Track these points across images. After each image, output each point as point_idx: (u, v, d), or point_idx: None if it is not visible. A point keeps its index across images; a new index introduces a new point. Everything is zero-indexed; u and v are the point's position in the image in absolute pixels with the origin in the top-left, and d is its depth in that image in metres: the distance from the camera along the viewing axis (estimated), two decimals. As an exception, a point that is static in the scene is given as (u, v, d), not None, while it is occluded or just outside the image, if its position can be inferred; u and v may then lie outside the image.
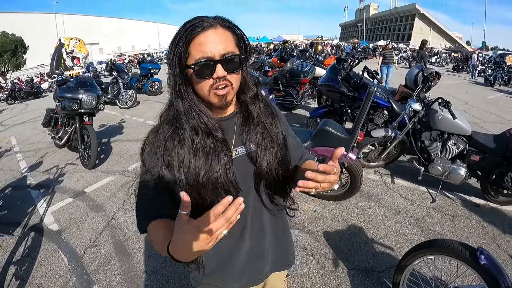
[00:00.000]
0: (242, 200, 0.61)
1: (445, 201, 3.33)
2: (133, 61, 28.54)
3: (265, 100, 0.97)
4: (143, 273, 2.47)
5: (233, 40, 0.84)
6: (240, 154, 0.93)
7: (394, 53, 10.49)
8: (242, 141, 0.93)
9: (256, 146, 0.92)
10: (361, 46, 38.50)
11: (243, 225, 0.97)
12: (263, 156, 0.91)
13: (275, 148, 0.94)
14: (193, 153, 0.84)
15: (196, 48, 0.79)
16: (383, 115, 4.33)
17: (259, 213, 1.00)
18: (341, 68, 4.66)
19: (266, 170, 0.92)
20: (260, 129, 0.93)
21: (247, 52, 0.89)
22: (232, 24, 0.85)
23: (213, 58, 0.79)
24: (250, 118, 0.93)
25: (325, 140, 2.98)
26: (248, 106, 0.93)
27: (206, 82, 0.82)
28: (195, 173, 0.83)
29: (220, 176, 0.84)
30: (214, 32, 0.80)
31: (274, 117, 0.98)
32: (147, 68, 10.86)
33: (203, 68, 0.80)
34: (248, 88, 0.93)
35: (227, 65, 0.81)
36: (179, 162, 0.84)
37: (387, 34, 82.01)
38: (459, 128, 3.23)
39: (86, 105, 4.73)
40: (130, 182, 4.14)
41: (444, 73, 12.20)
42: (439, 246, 1.63)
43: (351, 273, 2.35)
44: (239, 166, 0.90)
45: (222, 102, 0.85)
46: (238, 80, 0.87)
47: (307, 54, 10.23)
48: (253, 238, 1.00)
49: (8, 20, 40.09)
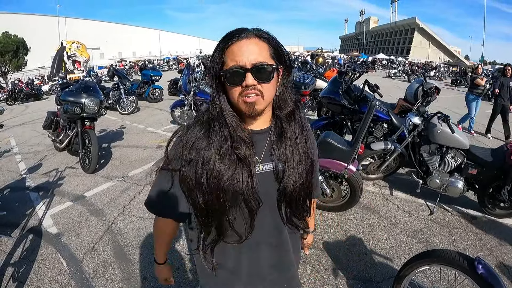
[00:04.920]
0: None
1: (442, 214, 3.37)
2: (134, 67, 28.65)
3: (301, 121, 0.96)
4: (143, 279, 2.46)
5: (268, 51, 0.85)
6: (267, 170, 0.93)
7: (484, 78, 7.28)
8: (271, 157, 0.93)
9: (285, 164, 0.91)
10: (360, 58, 38.96)
11: (259, 239, 0.97)
12: (290, 175, 0.91)
13: (302, 169, 0.93)
14: (219, 157, 0.85)
15: (230, 57, 0.82)
16: (382, 128, 4.39)
17: (279, 229, 1.00)
18: (342, 81, 4.74)
19: (291, 189, 0.92)
20: (291, 148, 0.92)
21: (286, 65, 0.89)
22: (269, 35, 0.86)
23: (244, 66, 0.81)
24: (283, 136, 0.92)
25: (326, 152, 3.02)
26: (282, 123, 0.93)
27: (236, 89, 0.83)
28: (218, 177, 0.85)
29: (242, 186, 0.85)
30: (248, 42, 0.82)
31: (308, 140, 0.98)
32: (148, 74, 10.90)
33: (234, 75, 0.82)
34: (285, 104, 0.92)
35: (257, 74, 0.81)
36: (204, 163, 0.86)
37: (386, 48, 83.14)
38: (457, 142, 3.29)
39: (88, 109, 4.76)
40: (131, 188, 4.15)
41: (443, 87, 12.35)
42: (437, 256, 1.66)
43: (350, 283, 2.36)
44: (263, 181, 0.91)
45: (250, 110, 0.85)
46: (271, 91, 0.87)
47: (308, 66, 10.32)
48: (273, 252, 1.01)
49: (11, 21, 40.37)
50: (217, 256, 0.96)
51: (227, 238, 0.93)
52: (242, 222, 0.91)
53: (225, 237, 0.92)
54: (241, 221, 0.91)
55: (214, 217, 0.90)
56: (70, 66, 20.15)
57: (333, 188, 3.26)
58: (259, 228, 0.93)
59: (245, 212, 0.90)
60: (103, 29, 59.12)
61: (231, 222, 0.90)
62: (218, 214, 0.89)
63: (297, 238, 1.11)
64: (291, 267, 1.08)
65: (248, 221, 0.90)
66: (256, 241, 0.96)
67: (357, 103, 4.56)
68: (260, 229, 0.94)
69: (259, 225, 0.93)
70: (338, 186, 3.26)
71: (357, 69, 6.36)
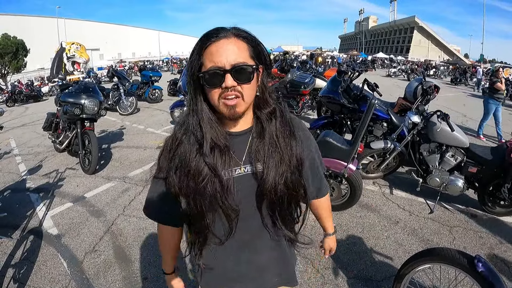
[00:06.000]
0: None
1: (443, 212, 3.37)
2: (133, 68, 28.64)
3: (284, 118, 0.92)
4: (143, 280, 2.47)
5: (247, 51, 0.82)
6: (248, 172, 0.90)
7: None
8: (250, 158, 0.90)
9: (263, 165, 0.88)
10: (360, 57, 38.94)
11: (245, 240, 0.97)
12: (268, 174, 0.87)
13: (284, 169, 0.89)
14: (195, 161, 0.85)
15: (208, 58, 0.80)
16: (382, 127, 4.38)
17: (259, 233, 0.98)
18: (341, 80, 4.74)
19: (270, 189, 0.88)
20: (270, 147, 0.88)
21: (265, 65, 0.87)
22: (248, 34, 0.84)
23: (223, 67, 0.78)
24: (262, 135, 0.90)
25: (326, 151, 3.02)
26: (262, 123, 0.90)
27: (215, 91, 0.81)
28: (194, 180, 0.85)
29: (216, 190, 0.85)
30: (227, 42, 0.80)
31: (291, 138, 0.92)
32: (148, 75, 10.92)
33: (213, 77, 0.79)
34: (265, 103, 0.90)
35: (237, 75, 0.79)
36: (184, 168, 0.86)
37: (386, 47, 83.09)
38: (457, 140, 3.29)
39: (88, 110, 4.77)
40: (131, 188, 4.15)
41: (442, 85, 12.35)
42: (437, 255, 1.66)
43: (351, 282, 2.36)
44: (244, 184, 0.90)
45: (231, 113, 0.83)
46: (251, 92, 0.84)
47: (307, 65, 10.31)
48: (261, 253, 1.00)
49: (10, 22, 40.38)
50: (206, 258, 0.98)
51: (210, 240, 0.94)
52: (220, 226, 0.92)
53: (208, 239, 0.94)
54: (219, 225, 0.92)
55: (195, 220, 0.92)
56: (69, 67, 20.11)
57: (333, 187, 3.26)
58: (244, 229, 0.94)
59: (223, 217, 0.90)
60: (103, 30, 59.09)
61: (209, 226, 0.90)
62: (198, 218, 0.90)
63: (283, 241, 1.07)
64: (283, 268, 1.07)
65: (227, 225, 0.91)
66: (243, 241, 0.97)
67: (356, 102, 4.56)
68: (245, 230, 0.95)
69: (245, 226, 0.93)
70: (338, 185, 3.26)
71: (356, 68, 6.36)
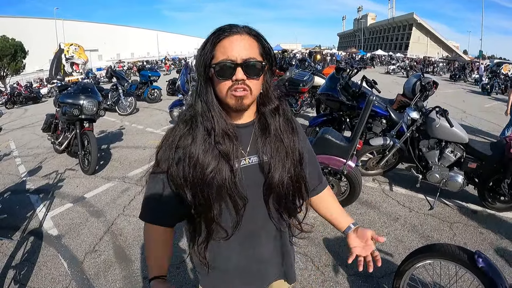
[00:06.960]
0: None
1: (443, 208, 3.37)
2: (132, 68, 28.63)
3: (286, 115, 0.97)
4: (144, 279, 2.47)
5: (257, 49, 0.87)
6: (252, 163, 0.94)
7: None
8: (256, 150, 0.93)
9: (270, 158, 0.92)
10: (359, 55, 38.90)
11: (250, 232, 0.98)
12: (275, 168, 0.91)
13: (290, 163, 0.94)
14: (203, 151, 0.86)
15: (221, 51, 0.83)
16: (381, 123, 4.38)
17: (265, 224, 1.00)
18: (340, 77, 4.73)
19: (277, 183, 0.92)
20: (276, 142, 0.93)
21: (271, 64, 0.91)
22: (258, 34, 0.88)
23: (235, 61, 0.82)
24: (267, 130, 0.93)
25: (325, 148, 3.02)
26: (266, 118, 0.93)
27: (225, 83, 0.84)
28: (201, 170, 0.85)
29: (225, 179, 0.86)
30: (240, 38, 0.84)
31: (294, 133, 0.97)
32: (147, 75, 10.92)
33: (224, 69, 0.83)
34: (269, 100, 0.94)
35: (247, 70, 0.83)
36: (190, 159, 0.87)
37: (384, 44, 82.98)
38: (456, 136, 3.28)
39: (86, 111, 4.76)
40: (131, 188, 4.15)
41: (441, 82, 12.35)
42: (437, 251, 1.66)
43: (351, 279, 2.36)
44: (249, 174, 0.92)
45: (238, 104, 0.86)
46: (258, 87, 0.88)
47: (306, 63, 10.31)
48: (265, 245, 1.02)
49: (8, 24, 40.25)
50: (210, 254, 0.97)
51: (216, 234, 0.93)
52: (228, 217, 0.92)
53: (214, 233, 0.93)
54: (227, 216, 0.92)
55: (201, 213, 0.91)
56: (68, 68, 20.03)
57: (332, 184, 3.25)
58: (250, 220, 0.94)
59: (231, 207, 0.90)
60: (101, 31, 58.93)
61: (216, 217, 0.90)
62: (204, 209, 0.89)
63: (285, 234, 1.09)
64: (285, 260, 1.09)
65: (234, 216, 0.91)
66: (248, 232, 0.97)
67: (355, 99, 4.55)
68: (251, 221, 0.95)
69: (250, 217, 0.93)
70: (337, 183, 3.25)
71: (354, 65, 6.35)
